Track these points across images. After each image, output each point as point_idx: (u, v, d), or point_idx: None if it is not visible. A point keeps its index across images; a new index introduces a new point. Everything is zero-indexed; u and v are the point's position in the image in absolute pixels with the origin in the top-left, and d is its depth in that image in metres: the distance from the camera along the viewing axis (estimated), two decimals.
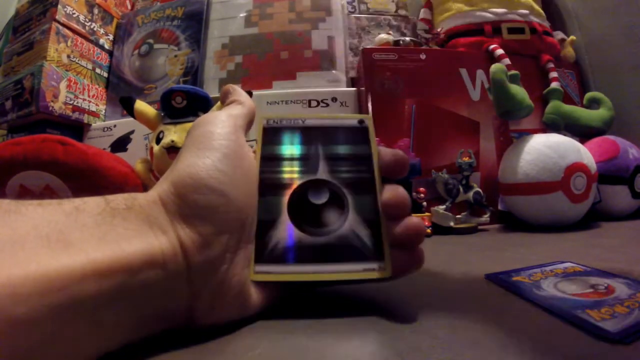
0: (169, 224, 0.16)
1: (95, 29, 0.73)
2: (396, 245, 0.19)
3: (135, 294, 0.14)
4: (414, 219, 0.19)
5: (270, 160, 0.21)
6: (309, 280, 0.18)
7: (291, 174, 0.21)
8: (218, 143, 0.19)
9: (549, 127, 0.59)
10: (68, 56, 0.66)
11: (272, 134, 0.22)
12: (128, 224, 0.15)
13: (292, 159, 0.21)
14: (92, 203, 0.15)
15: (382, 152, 0.21)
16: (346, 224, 0.19)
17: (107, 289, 0.13)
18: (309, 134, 0.22)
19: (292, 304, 0.20)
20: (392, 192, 0.19)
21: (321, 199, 0.20)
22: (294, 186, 0.20)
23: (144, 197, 0.17)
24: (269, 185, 0.20)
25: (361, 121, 0.23)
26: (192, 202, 0.17)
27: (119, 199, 0.16)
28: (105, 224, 0.15)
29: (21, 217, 0.13)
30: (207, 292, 0.16)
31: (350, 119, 0.23)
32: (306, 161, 0.21)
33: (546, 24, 0.67)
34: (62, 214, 0.14)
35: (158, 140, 0.47)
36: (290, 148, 0.22)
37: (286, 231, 0.19)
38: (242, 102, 0.23)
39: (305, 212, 0.20)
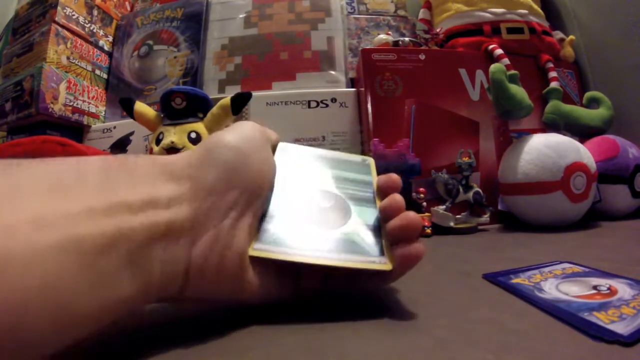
0: (187, 170, 0.17)
1: (94, 30, 0.73)
2: (395, 240, 0.20)
3: (138, 237, 0.14)
4: (409, 213, 0.19)
5: (285, 165, 0.23)
6: (306, 263, 0.18)
7: (302, 182, 0.23)
8: (244, 129, 0.21)
9: (548, 126, 0.59)
10: (68, 58, 0.66)
11: (287, 152, 0.25)
12: (135, 171, 0.16)
13: (305, 169, 0.24)
14: (97, 157, 0.16)
15: (378, 177, 0.24)
16: (350, 223, 0.21)
17: (106, 230, 0.13)
18: (320, 159, 0.26)
19: (293, 304, 0.20)
20: (389, 198, 0.21)
21: (327, 203, 0.22)
22: (304, 190, 0.22)
23: (166, 157, 0.18)
24: (281, 187, 0.22)
25: (364, 160, 0.27)
26: (216, 153, 0.18)
27: (130, 154, 0.17)
28: (109, 172, 0.15)
29: (22, 169, 0.13)
30: (205, 241, 0.17)
31: (355, 157, 0.27)
32: (316, 177, 0.24)
33: (545, 24, 0.67)
34: (64, 166, 0.14)
35: (158, 141, 0.47)
36: (304, 163, 0.25)
37: (292, 222, 0.20)
38: (269, 134, 0.25)
39: (313, 211, 0.21)
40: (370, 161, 0.27)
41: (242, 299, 0.18)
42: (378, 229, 0.21)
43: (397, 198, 0.21)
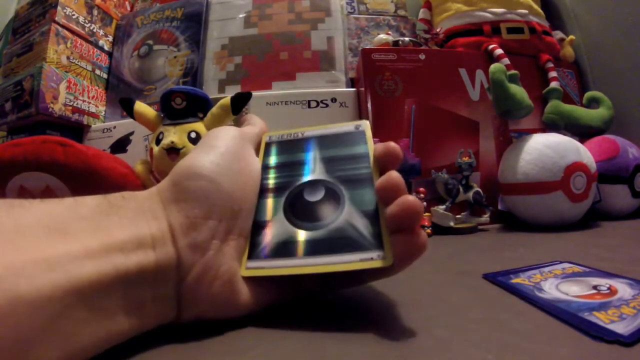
0: (162, 210, 0.17)
1: (94, 30, 0.73)
2: (394, 229, 0.17)
3: (129, 278, 0.15)
4: (409, 197, 0.17)
5: (270, 168, 0.22)
6: (299, 274, 0.18)
7: (288, 177, 0.22)
8: (219, 143, 0.20)
9: (548, 126, 0.59)
10: (68, 57, 0.66)
11: (272, 147, 0.24)
12: (123, 213, 0.16)
13: (290, 164, 0.23)
14: (90, 198, 0.17)
15: (375, 147, 0.21)
16: (342, 216, 0.19)
17: (104, 271, 0.14)
18: (307, 143, 0.24)
19: (292, 305, 0.20)
20: (385, 177, 0.18)
21: (316, 197, 0.20)
22: (291, 188, 0.21)
23: (143, 192, 0.18)
24: (267, 189, 0.21)
25: (357, 126, 0.24)
26: (184, 187, 0.18)
27: (117, 195, 0.17)
28: (102, 215, 0.16)
29: (25, 210, 0.14)
30: (193, 275, 0.17)
31: (347, 125, 0.24)
32: (303, 165, 0.22)
33: (545, 24, 0.67)
34: (62, 207, 0.15)
35: (158, 141, 0.47)
36: (289, 157, 0.23)
37: (280, 228, 0.20)
38: (254, 124, 0.25)
39: (300, 210, 0.20)
40: (365, 126, 0.23)
41: (241, 314, 0.18)
42: (375, 215, 0.18)
43: (394, 177, 0.18)
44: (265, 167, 0.22)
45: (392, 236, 0.17)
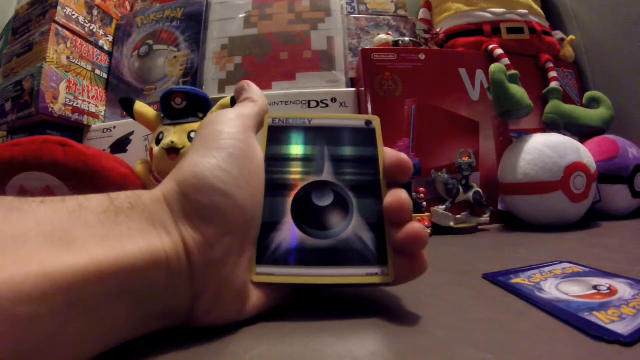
0: (173, 224, 0.16)
1: (94, 30, 0.73)
2: (398, 251, 0.18)
3: (138, 293, 0.14)
4: (416, 225, 0.18)
5: (275, 160, 0.21)
6: (310, 283, 0.18)
7: (295, 174, 0.20)
8: (225, 142, 0.18)
9: (548, 126, 0.59)
10: (68, 57, 0.66)
11: (277, 133, 0.22)
12: (132, 222, 0.15)
13: (296, 159, 0.21)
14: (95, 201, 0.15)
15: (386, 154, 0.21)
16: (350, 227, 0.19)
17: (110, 288, 0.13)
18: (315, 134, 0.22)
19: (292, 304, 0.20)
20: (393, 197, 0.18)
21: (325, 201, 0.20)
22: (298, 187, 0.20)
23: (149, 196, 0.17)
24: (273, 186, 0.20)
25: (369, 122, 0.23)
26: (195, 202, 0.16)
27: (122, 197, 0.16)
28: (109, 223, 0.14)
29: (24, 214, 0.13)
30: (209, 292, 0.16)
31: (357, 119, 0.23)
32: (311, 162, 0.21)
33: (545, 24, 0.67)
34: (65, 211, 0.14)
35: (158, 141, 0.47)
36: (296, 148, 0.21)
37: (289, 233, 0.19)
38: (255, 100, 0.22)
39: (308, 214, 0.19)
40: (376, 123, 0.22)
41: (246, 317, 0.18)
42: (381, 229, 0.19)
43: (403, 199, 0.18)
44: (269, 158, 0.21)
45: (396, 256, 0.18)
